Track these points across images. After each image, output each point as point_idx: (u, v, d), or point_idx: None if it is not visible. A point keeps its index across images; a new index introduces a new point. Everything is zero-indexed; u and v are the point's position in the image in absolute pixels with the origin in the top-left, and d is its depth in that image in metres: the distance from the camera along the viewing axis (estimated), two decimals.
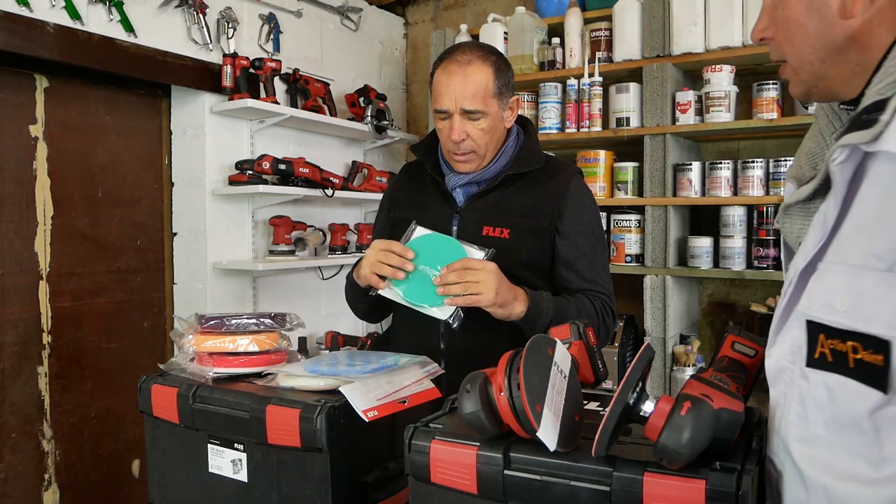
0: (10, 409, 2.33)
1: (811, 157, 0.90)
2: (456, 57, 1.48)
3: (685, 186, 2.71)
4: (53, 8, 2.19)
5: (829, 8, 0.81)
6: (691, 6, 2.64)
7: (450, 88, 1.45)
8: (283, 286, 3.10)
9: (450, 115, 1.46)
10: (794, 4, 0.83)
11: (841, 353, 0.74)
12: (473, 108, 1.45)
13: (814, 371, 0.77)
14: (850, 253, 0.75)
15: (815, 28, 0.82)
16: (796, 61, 0.85)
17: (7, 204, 2.33)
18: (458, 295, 1.32)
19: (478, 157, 1.51)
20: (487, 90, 1.46)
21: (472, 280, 1.32)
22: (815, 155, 0.89)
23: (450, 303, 1.33)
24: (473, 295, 1.32)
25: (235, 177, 2.72)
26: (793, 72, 0.87)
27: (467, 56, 1.47)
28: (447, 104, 1.46)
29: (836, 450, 0.76)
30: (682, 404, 0.71)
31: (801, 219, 0.86)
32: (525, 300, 1.38)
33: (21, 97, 2.37)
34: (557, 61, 2.99)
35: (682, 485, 0.71)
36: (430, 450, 0.84)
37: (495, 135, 1.51)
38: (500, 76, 1.49)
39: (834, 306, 0.74)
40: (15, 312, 2.35)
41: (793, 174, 0.92)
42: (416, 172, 1.69)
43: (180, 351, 1.23)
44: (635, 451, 0.78)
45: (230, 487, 1.11)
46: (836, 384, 0.75)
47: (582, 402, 0.87)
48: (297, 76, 3.00)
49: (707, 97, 2.66)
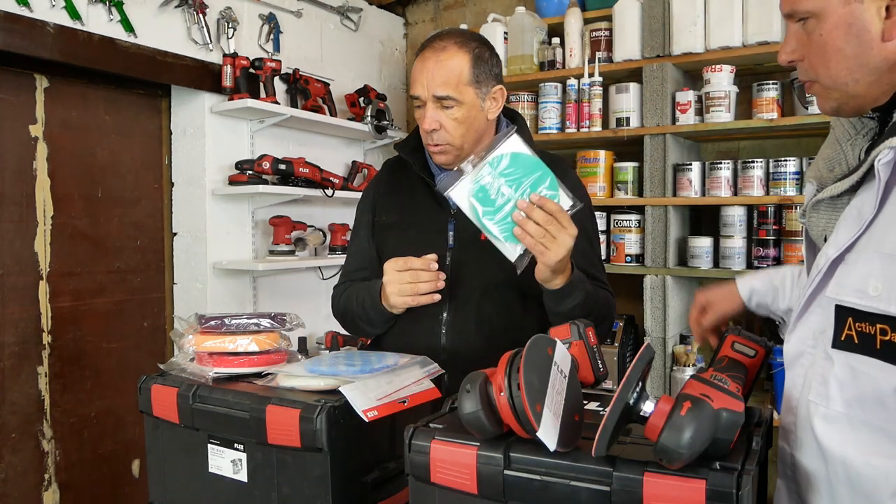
0: (10, 409, 2.33)
1: (829, 162, 0.96)
2: (433, 43, 1.44)
3: (685, 186, 2.71)
4: (53, 8, 2.19)
5: (869, 32, 0.84)
6: (691, 6, 2.64)
7: (422, 74, 1.41)
8: (283, 286, 3.10)
9: (424, 103, 1.42)
10: (833, 30, 0.86)
11: (868, 335, 0.79)
12: (445, 94, 1.38)
13: (838, 352, 0.83)
14: (885, 242, 0.80)
15: (854, 52, 0.85)
16: (830, 82, 0.88)
17: (7, 204, 2.33)
18: (530, 235, 1.20)
19: (454, 148, 1.44)
20: (461, 77, 1.40)
21: (553, 232, 1.21)
22: (833, 160, 0.95)
23: (518, 235, 1.21)
24: (543, 247, 1.21)
25: (235, 177, 2.72)
26: (824, 91, 0.90)
27: (444, 42, 1.42)
28: (419, 90, 1.41)
29: (857, 425, 0.82)
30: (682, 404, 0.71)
31: (827, 213, 0.92)
32: (568, 275, 1.31)
33: (21, 97, 2.37)
34: (557, 61, 2.99)
35: (682, 485, 0.71)
36: (430, 450, 0.84)
37: (473, 126, 1.43)
38: (479, 63, 1.42)
39: (867, 291, 0.79)
40: (15, 312, 2.35)
41: (813, 175, 0.98)
42: (400, 172, 1.60)
43: (180, 351, 1.23)
44: (635, 451, 0.78)
45: (230, 487, 1.11)
46: (861, 364, 0.80)
47: (582, 402, 0.87)
48: (297, 76, 3.00)
49: (707, 97, 2.66)
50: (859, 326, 0.80)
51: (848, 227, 0.85)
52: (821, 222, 0.94)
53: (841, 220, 0.88)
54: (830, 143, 0.98)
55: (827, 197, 0.91)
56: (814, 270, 0.89)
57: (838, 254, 0.85)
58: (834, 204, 0.91)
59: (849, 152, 0.94)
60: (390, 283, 1.37)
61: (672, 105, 2.73)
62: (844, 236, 0.85)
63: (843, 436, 0.83)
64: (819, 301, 0.87)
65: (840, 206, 0.90)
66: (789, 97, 2.64)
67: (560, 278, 1.30)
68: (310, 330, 3.12)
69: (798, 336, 0.90)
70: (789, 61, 0.92)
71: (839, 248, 0.85)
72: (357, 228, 1.65)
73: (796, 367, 0.90)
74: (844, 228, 0.86)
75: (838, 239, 0.86)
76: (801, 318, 0.91)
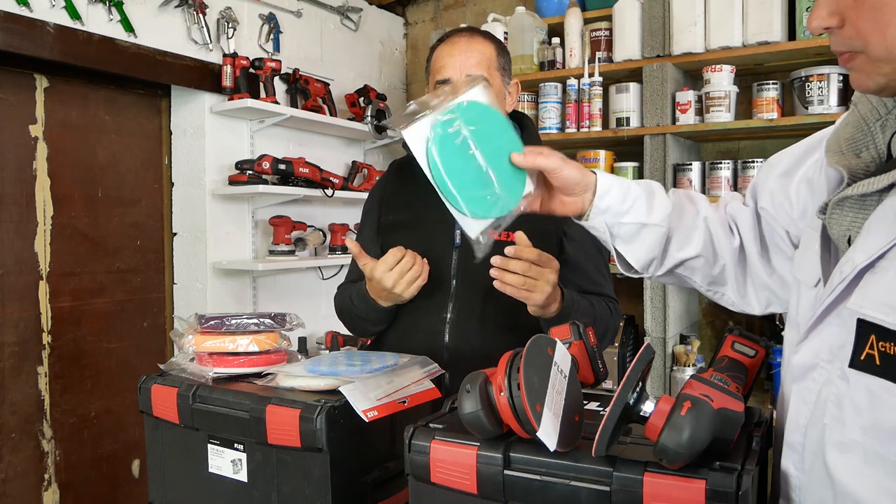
0: (10, 409, 2.33)
1: (854, 144, 0.81)
2: (459, 32, 1.48)
3: (685, 186, 2.70)
4: (53, 8, 2.20)
5: None
6: (691, 6, 2.64)
7: (453, 58, 1.43)
8: (283, 286, 3.10)
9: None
10: None
11: (892, 357, 0.68)
12: (480, 74, 1.41)
13: (856, 373, 0.71)
14: None
15: None
16: (883, 52, 0.72)
17: (7, 204, 2.33)
18: (511, 286, 1.20)
19: None
20: (492, 61, 1.45)
21: (534, 275, 1.21)
22: (858, 142, 0.81)
23: (500, 287, 1.19)
24: (527, 291, 1.21)
25: (235, 177, 2.72)
26: (871, 64, 0.74)
27: (469, 32, 1.48)
28: (450, 72, 1.42)
29: (872, 459, 0.70)
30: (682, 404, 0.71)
31: (853, 212, 0.78)
32: (560, 301, 1.32)
33: (21, 97, 2.37)
34: (557, 61, 2.99)
35: (682, 485, 0.71)
36: (430, 450, 0.84)
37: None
38: (502, 55, 1.49)
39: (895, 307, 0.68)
40: (15, 312, 2.35)
41: (837, 159, 0.81)
42: (407, 171, 1.60)
43: (180, 351, 1.23)
44: (635, 451, 0.78)
45: (230, 487, 1.11)
46: (881, 389, 0.69)
47: (582, 402, 0.87)
48: (297, 76, 3.00)
49: (707, 97, 2.66)
50: (883, 346, 0.69)
51: (882, 231, 0.72)
52: (845, 221, 0.78)
53: (872, 221, 0.74)
54: (853, 121, 0.82)
55: (856, 194, 0.76)
56: (835, 277, 0.76)
57: (869, 261, 0.71)
58: (862, 201, 0.77)
59: (878, 134, 0.79)
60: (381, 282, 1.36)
61: (672, 105, 2.73)
62: (877, 242, 0.72)
63: (858, 469, 0.72)
64: (839, 312, 0.75)
65: (869, 204, 0.76)
66: (789, 97, 2.64)
67: (553, 306, 1.31)
68: (310, 330, 3.12)
69: (811, 348, 0.79)
70: (825, 28, 0.75)
71: (870, 254, 0.71)
72: (362, 228, 1.65)
73: (807, 381, 0.79)
74: (878, 232, 0.72)
75: (869, 244, 0.72)
76: (815, 329, 0.78)
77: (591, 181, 1.00)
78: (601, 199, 1.00)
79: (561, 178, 0.99)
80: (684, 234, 1.05)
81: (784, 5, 2.54)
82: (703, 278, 1.08)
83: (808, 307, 0.82)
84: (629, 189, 1.01)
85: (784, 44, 2.54)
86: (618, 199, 1.00)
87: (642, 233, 1.02)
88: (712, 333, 2.98)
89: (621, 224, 1.02)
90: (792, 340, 0.85)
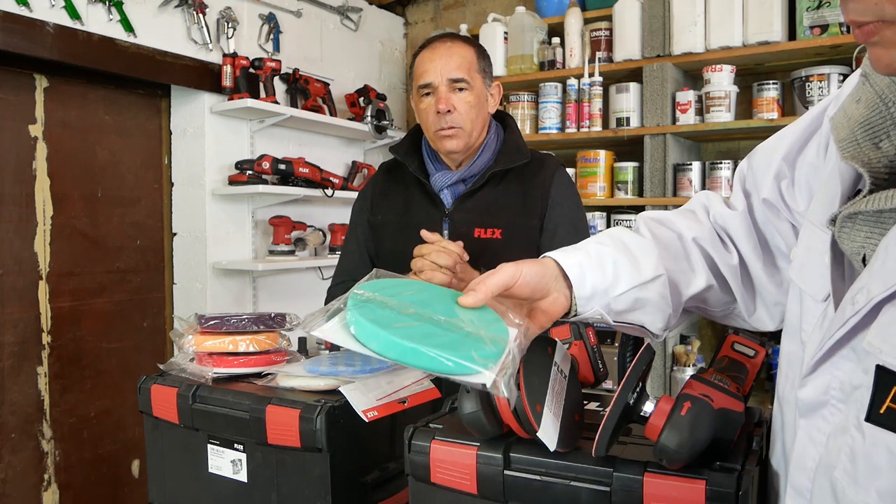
0: (9, 409, 2.33)
1: (871, 131, 0.65)
2: (438, 39, 1.54)
3: (685, 186, 2.70)
4: (53, 8, 2.19)
5: None
6: (691, 6, 2.64)
7: (434, 63, 1.49)
8: (283, 286, 3.10)
9: (435, 89, 1.49)
10: None
11: None
12: (459, 77, 1.48)
13: (874, 428, 0.59)
14: None
15: None
16: None
17: (7, 204, 2.33)
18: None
19: (464, 133, 1.49)
20: (472, 64, 1.51)
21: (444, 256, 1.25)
22: (877, 128, 0.65)
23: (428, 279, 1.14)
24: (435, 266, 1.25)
25: (235, 177, 2.72)
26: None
27: (450, 38, 1.54)
28: (432, 77, 1.49)
29: None
30: (683, 404, 0.71)
31: (867, 227, 0.64)
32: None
33: (21, 97, 2.37)
34: (557, 61, 2.99)
35: (682, 485, 0.71)
36: (430, 450, 0.84)
37: (481, 113, 1.52)
38: (483, 57, 1.55)
39: None
40: (14, 312, 2.35)
41: (852, 154, 0.66)
42: (396, 172, 1.63)
43: (180, 351, 1.23)
44: (635, 451, 0.78)
45: (230, 488, 1.11)
46: None
47: (582, 402, 0.87)
48: (297, 76, 3.00)
49: (707, 97, 2.66)
50: None
51: None
52: (858, 237, 0.65)
53: (891, 241, 0.60)
54: (867, 100, 0.66)
55: (871, 210, 0.63)
56: (847, 308, 0.63)
57: (887, 293, 0.58)
58: (879, 215, 0.63)
59: None
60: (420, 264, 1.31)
61: (672, 105, 2.73)
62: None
63: None
64: (853, 346, 0.63)
65: (887, 218, 0.62)
66: (789, 97, 2.64)
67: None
68: None
69: (819, 384, 0.67)
70: None
71: (888, 285, 0.58)
72: (353, 228, 1.67)
73: (816, 419, 0.67)
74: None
75: (888, 271, 0.59)
76: (823, 363, 0.66)
77: (553, 269, 0.82)
78: (580, 287, 0.82)
79: (523, 284, 0.79)
80: (686, 266, 0.91)
81: (784, 5, 2.54)
82: (716, 303, 0.95)
83: (815, 326, 0.71)
84: (601, 257, 0.85)
85: (784, 44, 2.54)
86: (597, 276, 0.83)
87: (643, 294, 0.86)
88: (712, 333, 2.98)
89: (617, 298, 0.84)
90: (791, 354, 0.75)
